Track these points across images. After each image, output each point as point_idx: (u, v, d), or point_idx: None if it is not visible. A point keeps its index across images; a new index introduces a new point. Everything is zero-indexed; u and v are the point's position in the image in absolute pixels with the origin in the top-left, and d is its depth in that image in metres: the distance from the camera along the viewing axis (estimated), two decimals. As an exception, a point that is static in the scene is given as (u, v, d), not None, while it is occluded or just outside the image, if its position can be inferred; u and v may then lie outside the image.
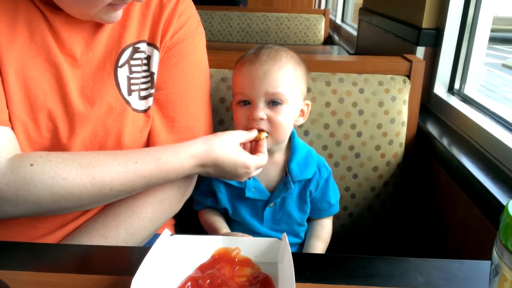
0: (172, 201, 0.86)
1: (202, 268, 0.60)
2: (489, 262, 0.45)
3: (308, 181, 0.96)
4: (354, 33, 2.62)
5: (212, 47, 1.02)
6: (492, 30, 1.27)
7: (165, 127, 0.84)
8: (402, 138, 1.17)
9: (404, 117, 1.16)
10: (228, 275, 0.58)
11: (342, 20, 3.43)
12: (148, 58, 0.81)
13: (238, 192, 0.97)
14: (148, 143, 0.84)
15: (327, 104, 1.13)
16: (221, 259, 0.61)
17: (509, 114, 1.07)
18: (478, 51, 1.28)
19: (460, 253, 1.00)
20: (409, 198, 1.25)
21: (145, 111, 0.82)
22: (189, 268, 0.60)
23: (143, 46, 0.81)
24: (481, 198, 0.89)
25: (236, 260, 0.61)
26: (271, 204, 0.96)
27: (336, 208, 1.03)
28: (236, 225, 1.01)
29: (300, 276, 0.53)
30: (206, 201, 1.01)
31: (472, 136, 1.10)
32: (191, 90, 0.86)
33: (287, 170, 0.96)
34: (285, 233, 0.62)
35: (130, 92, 0.79)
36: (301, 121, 0.97)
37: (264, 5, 4.37)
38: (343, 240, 1.23)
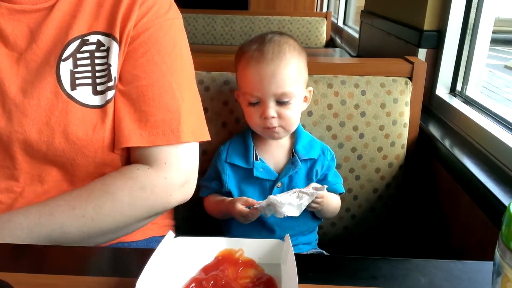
0: (157, 190, 0.79)
1: (206, 269, 0.60)
2: (492, 263, 0.45)
3: (314, 161, 1.01)
4: (356, 35, 2.62)
5: (215, 50, 1.04)
6: (494, 32, 1.27)
7: (137, 123, 0.77)
8: (404, 140, 1.17)
9: (406, 118, 1.16)
10: (232, 277, 0.58)
11: (344, 23, 3.43)
12: (108, 50, 0.76)
13: (245, 174, 0.99)
14: (116, 143, 0.78)
15: (329, 106, 1.13)
16: (225, 260, 0.61)
17: (511, 115, 1.07)
18: (480, 53, 1.28)
19: (463, 254, 1.00)
20: (411, 200, 1.25)
21: (101, 106, 0.76)
22: (193, 270, 0.60)
23: (94, 38, 0.76)
24: (483, 199, 0.89)
25: (240, 261, 0.61)
26: (279, 184, 0.99)
27: (342, 188, 1.05)
28: None
29: (303, 277, 0.53)
30: (211, 183, 1.03)
31: (474, 137, 1.10)
32: (165, 79, 0.79)
33: (293, 151, 1.00)
34: (288, 234, 0.62)
35: (74, 86, 0.74)
36: (305, 106, 1.02)
37: (266, 8, 4.37)
38: (345, 241, 1.23)
